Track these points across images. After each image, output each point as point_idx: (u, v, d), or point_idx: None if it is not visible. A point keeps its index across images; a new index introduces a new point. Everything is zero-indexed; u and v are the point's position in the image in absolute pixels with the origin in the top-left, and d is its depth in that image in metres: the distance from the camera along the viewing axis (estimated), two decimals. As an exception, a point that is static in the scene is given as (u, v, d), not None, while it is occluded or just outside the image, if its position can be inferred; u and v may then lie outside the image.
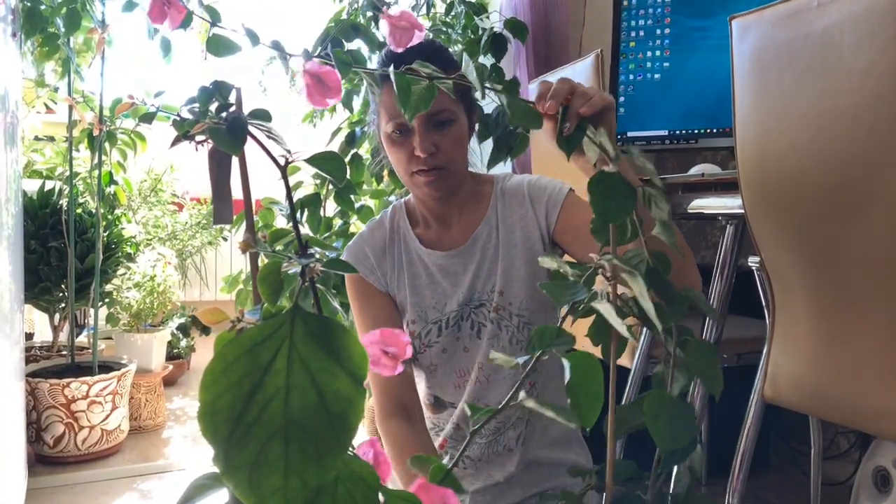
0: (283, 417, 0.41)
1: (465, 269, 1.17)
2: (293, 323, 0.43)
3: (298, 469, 0.40)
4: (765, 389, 1.23)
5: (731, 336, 1.55)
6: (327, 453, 0.41)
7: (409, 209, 1.23)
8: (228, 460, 0.41)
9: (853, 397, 1.07)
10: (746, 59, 1.13)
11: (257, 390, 0.41)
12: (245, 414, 0.41)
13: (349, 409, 0.42)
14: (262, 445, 0.40)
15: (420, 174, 1.11)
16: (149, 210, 3.47)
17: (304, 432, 0.41)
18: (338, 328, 0.43)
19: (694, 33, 1.92)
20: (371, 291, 1.19)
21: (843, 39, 0.97)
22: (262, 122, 0.51)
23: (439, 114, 1.09)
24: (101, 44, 2.17)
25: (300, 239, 0.46)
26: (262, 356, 0.42)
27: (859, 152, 0.96)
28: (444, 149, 1.10)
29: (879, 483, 1.63)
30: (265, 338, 0.42)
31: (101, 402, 2.32)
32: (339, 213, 2.05)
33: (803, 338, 1.16)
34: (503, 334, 1.15)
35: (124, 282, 2.69)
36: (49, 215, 2.49)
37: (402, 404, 1.16)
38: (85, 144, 2.47)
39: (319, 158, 0.49)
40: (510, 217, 1.17)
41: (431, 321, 1.17)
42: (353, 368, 0.42)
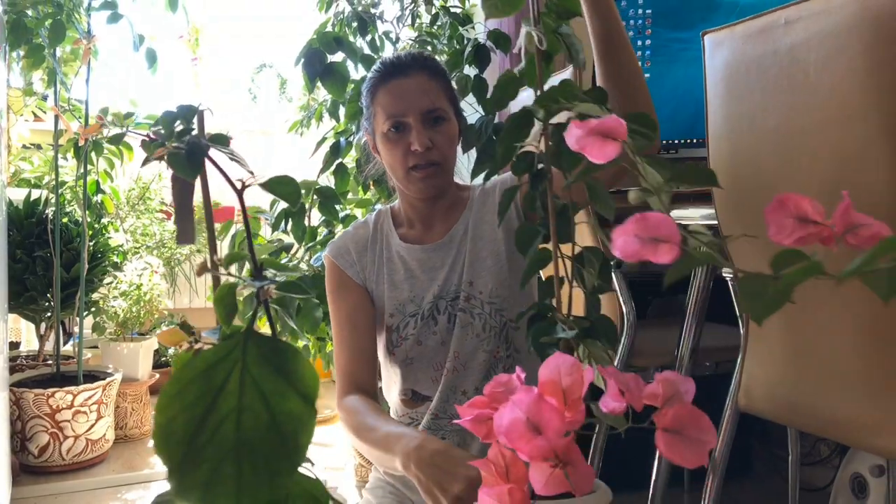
0: (235, 438, 0.42)
1: (443, 264, 1.22)
2: (246, 345, 0.44)
3: (250, 489, 0.41)
4: (739, 398, 1.25)
5: (710, 345, 1.57)
6: (279, 473, 0.42)
7: (395, 212, 1.30)
8: (182, 481, 0.42)
9: (825, 407, 1.09)
10: (718, 74, 1.15)
11: (210, 412, 0.42)
12: (198, 435, 0.42)
13: (300, 429, 0.43)
14: (215, 466, 0.42)
15: (416, 170, 1.17)
16: (136, 218, 3.47)
17: (256, 452, 0.42)
18: (290, 350, 0.45)
19: (674, 45, 1.94)
20: (348, 284, 1.25)
21: (809, 56, 0.99)
22: (221, 146, 0.52)
23: (435, 111, 1.16)
24: (86, 54, 2.18)
25: (255, 261, 0.47)
26: (215, 378, 0.43)
27: (827, 167, 0.98)
28: (438, 145, 1.16)
29: (856, 490, 1.65)
30: (219, 360, 0.44)
31: (85, 411, 2.32)
32: (323, 223, 2.05)
33: (776, 348, 1.17)
34: (476, 322, 1.19)
35: (111, 291, 2.69)
36: (35, 224, 2.49)
37: (361, 387, 1.21)
38: (71, 153, 2.47)
39: (275, 182, 0.50)
40: (482, 214, 1.23)
41: (409, 314, 1.22)
42: (304, 389, 0.44)
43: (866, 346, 1.01)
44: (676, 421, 0.54)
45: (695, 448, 0.53)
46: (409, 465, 0.94)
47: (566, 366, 0.56)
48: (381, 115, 1.18)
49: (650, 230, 0.52)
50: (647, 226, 0.54)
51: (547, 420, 0.54)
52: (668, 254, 0.53)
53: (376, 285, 1.25)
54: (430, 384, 1.22)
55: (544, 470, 0.52)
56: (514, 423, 0.54)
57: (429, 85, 1.18)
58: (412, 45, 2.30)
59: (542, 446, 0.52)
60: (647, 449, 1.51)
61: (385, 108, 1.17)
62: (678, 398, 0.56)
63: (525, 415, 0.53)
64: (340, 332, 1.25)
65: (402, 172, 1.19)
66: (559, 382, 0.56)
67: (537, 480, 0.52)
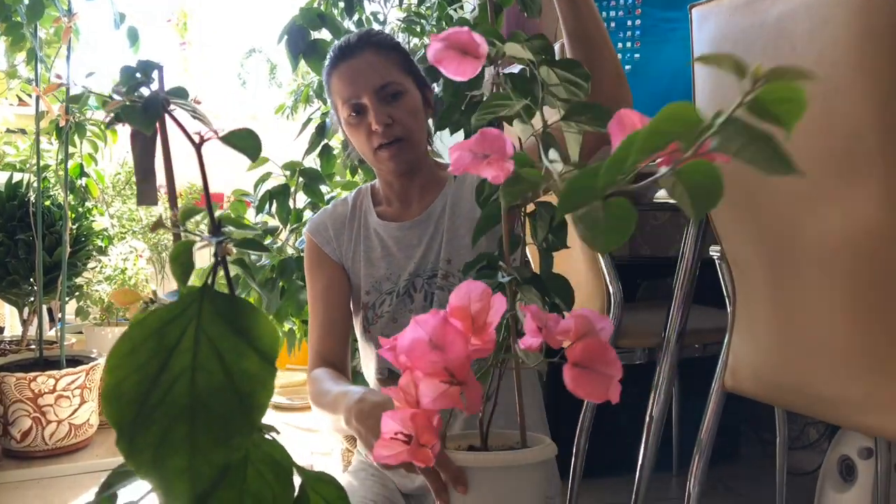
0: (188, 398, 0.40)
1: (420, 241, 1.21)
2: (202, 303, 0.42)
3: (204, 449, 0.39)
4: (725, 379, 1.24)
5: (697, 326, 1.56)
6: (235, 433, 0.40)
7: (374, 191, 1.30)
8: (132, 443, 0.40)
9: (810, 386, 1.08)
10: (705, 48, 1.13)
11: (163, 371, 0.41)
12: (150, 395, 0.40)
13: (258, 389, 0.41)
14: (167, 427, 0.40)
15: (382, 150, 1.15)
16: (123, 203, 3.43)
17: (211, 412, 0.40)
18: (247, 307, 0.43)
19: (663, 25, 1.92)
20: (324, 261, 1.26)
21: (795, 28, 0.97)
22: (180, 100, 0.50)
23: (387, 86, 1.14)
24: (67, 33, 2.14)
25: (212, 216, 0.45)
26: (169, 337, 0.41)
27: (814, 138, 0.96)
28: (399, 119, 1.15)
29: (844, 472, 1.64)
30: (173, 318, 0.42)
31: (68, 396, 2.30)
32: (309, 205, 2.03)
33: (762, 327, 1.16)
34: None
35: (95, 275, 2.66)
36: (17, 207, 2.46)
37: (331, 363, 1.21)
38: (54, 136, 2.44)
39: (234, 136, 0.48)
40: (461, 192, 1.22)
41: (385, 292, 1.22)
42: (262, 348, 0.42)
43: (852, 325, 1.00)
44: (586, 355, 0.54)
45: (601, 382, 0.53)
46: (350, 419, 0.92)
47: (476, 292, 0.57)
48: (339, 103, 1.18)
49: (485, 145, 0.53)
50: (483, 141, 0.54)
51: (450, 341, 0.54)
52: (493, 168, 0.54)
53: (352, 263, 1.25)
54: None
55: (436, 386, 0.52)
56: (415, 343, 0.54)
57: (377, 61, 1.16)
58: (400, 25, 2.27)
59: (435, 361, 0.52)
60: (633, 433, 1.50)
61: (340, 94, 1.17)
62: (592, 335, 0.56)
63: (428, 335, 0.53)
64: (315, 309, 1.26)
65: (370, 155, 1.18)
66: (468, 308, 0.56)
67: (426, 395, 0.53)
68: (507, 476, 0.67)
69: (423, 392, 0.53)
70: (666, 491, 2.11)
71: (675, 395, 2.03)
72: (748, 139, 0.38)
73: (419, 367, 0.53)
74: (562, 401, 1.91)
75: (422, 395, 0.53)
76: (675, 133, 0.38)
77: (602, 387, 0.55)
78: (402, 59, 1.20)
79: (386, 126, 1.14)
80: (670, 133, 0.38)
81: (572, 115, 0.68)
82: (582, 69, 0.72)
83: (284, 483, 0.43)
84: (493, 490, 0.67)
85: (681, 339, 1.45)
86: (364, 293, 1.23)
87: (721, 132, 0.38)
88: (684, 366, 1.50)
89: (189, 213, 0.45)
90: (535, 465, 0.68)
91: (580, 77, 0.73)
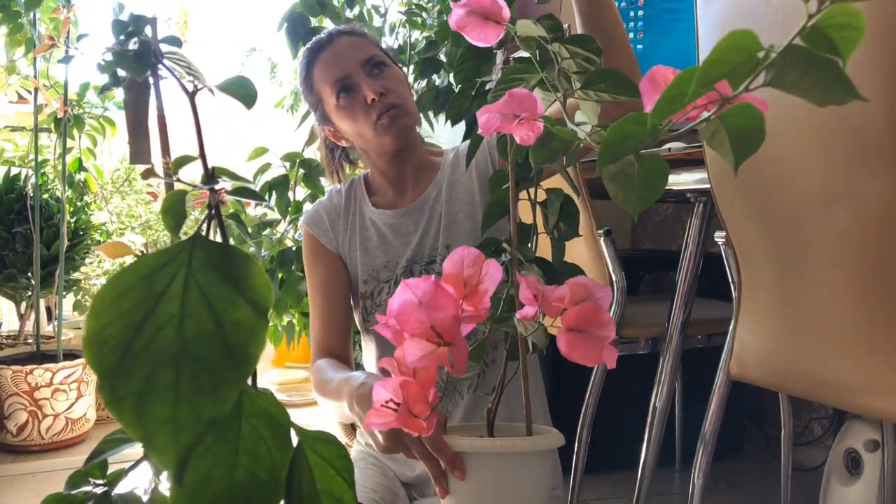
0: (175, 345, 0.38)
1: (415, 228, 1.21)
2: (193, 250, 0.40)
3: (190, 399, 0.37)
4: (730, 366, 1.22)
5: (701, 317, 1.54)
6: (223, 384, 0.38)
7: (368, 180, 1.29)
8: (114, 390, 0.38)
9: (816, 370, 1.06)
10: (711, 27, 1.11)
11: (149, 318, 0.39)
12: (135, 342, 0.38)
13: (249, 340, 0.39)
14: (151, 373, 0.38)
15: (383, 117, 1.15)
16: (122, 199, 3.42)
17: (198, 361, 0.38)
18: (241, 256, 0.41)
19: (666, 15, 1.90)
20: (322, 251, 1.25)
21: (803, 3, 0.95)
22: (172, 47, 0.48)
23: (372, 58, 1.17)
24: (65, 24, 2.13)
25: (206, 165, 0.43)
26: (157, 283, 0.39)
27: (823, 117, 0.95)
28: (390, 88, 1.16)
29: (850, 465, 1.62)
30: (162, 265, 0.40)
31: (65, 389, 2.28)
32: (308, 197, 2.01)
33: (768, 313, 1.14)
34: None
35: (93, 269, 2.64)
36: (14, 200, 2.44)
37: (333, 354, 1.20)
38: (52, 129, 2.42)
39: (230, 84, 0.46)
40: (456, 176, 1.22)
41: (383, 280, 1.21)
42: (255, 298, 0.40)
43: (859, 309, 0.98)
44: (580, 319, 0.53)
45: (595, 344, 0.52)
46: (352, 405, 0.91)
47: (469, 257, 0.55)
48: (325, 91, 1.18)
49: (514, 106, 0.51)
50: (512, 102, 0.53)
51: (441, 304, 0.52)
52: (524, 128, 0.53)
53: (349, 252, 1.24)
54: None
55: (423, 345, 0.51)
56: (405, 305, 0.53)
57: (355, 41, 1.19)
58: (400, 18, 2.25)
59: (423, 321, 0.51)
60: (636, 426, 1.48)
61: (326, 80, 1.17)
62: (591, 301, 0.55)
63: (418, 298, 0.52)
64: (315, 301, 1.25)
65: (370, 130, 1.17)
66: (461, 274, 0.55)
67: (412, 354, 0.51)
68: (505, 464, 0.65)
69: (408, 350, 0.52)
70: (669, 486, 2.08)
71: (678, 388, 2.01)
72: (807, 68, 0.36)
73: (407, 329, 0.52)
74: (563, 394, 1.89)
75: (407, 354, 0.52)
76: (736, 62, 0.36)
77: (596, 349, 0.54)
78: (375, 41, 1.24)
79: (381, 95, 1.14)
80: (731, 62, 0.36)
81: (591, 83, 0.66)
82: (594, 44, 0.71)
83: (281, 439, 0.42)
84: (491, 478, 0.66)
85: (684, 330, 1.43)
86: (362, 282, 1.22)
87: (778, 62, 0.36)
88: (686, 357, 1.48)
89: (182, 162, 0.43)
90: (535, 454, 0.66)
91: (593, 52, 0.71)
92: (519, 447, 0.65)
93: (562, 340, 0.53)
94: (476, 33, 0.61)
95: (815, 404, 2.20)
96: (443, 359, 0.52)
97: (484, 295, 0.57)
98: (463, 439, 0.66)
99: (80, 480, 0.54)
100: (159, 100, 0.47)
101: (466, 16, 0.60)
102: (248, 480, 0.43)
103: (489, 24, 0.61)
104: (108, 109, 2.55)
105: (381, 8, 2.31)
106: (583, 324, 0.54)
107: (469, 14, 0.60)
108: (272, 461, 0.43)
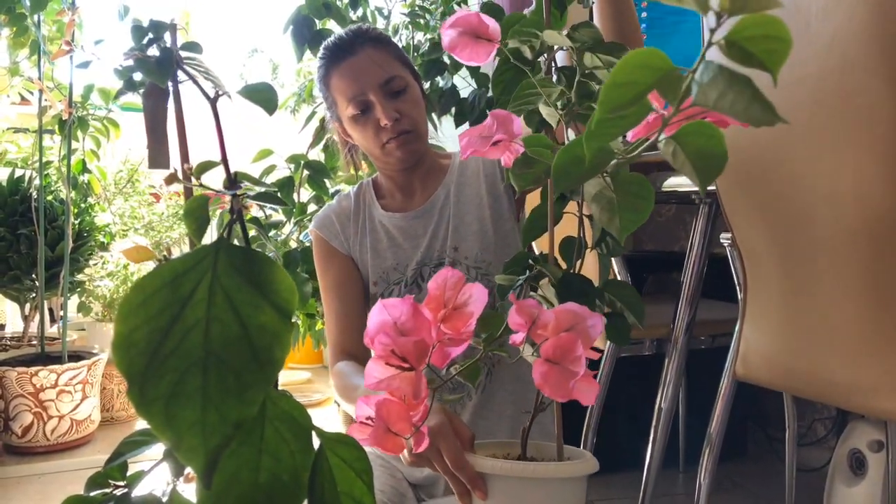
0: (202, 349, 0.39)
1: (425, 231, 1.22)
2: (217, 255, 0.41)
3: (217, 402, 0.38)
4: (736, 367, 1.22)
5: (705, 318, 1.55)
6: (249, 387, 0.39)
7: (377, 184, 1.30)
8: (144, 394, 0.38)
9: (823, 371, 1.06)
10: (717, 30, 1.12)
11: (176, 322, 0.39)
12: (162, 346, 0.39)
13: (274, 343, 0.40)
14: (179, 377, 0.38)
15: (391, 142, 1.16)
16: (125, 201, 3.42)
17: (225, 364, 0.39)
18: (264, 260, 0.41)
19: (670, 17, 1.91)
20: (334, 254, 1.26)
21: (811, 7, 0.96)
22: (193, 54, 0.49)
23: (392, 81, 1.15)
24: (70, 26, 2.13)
25: (228, 170, 0.44)
26: (183, 288, 0.40)
27: (827, 118, 0.95)
28: (406, 113, 1.16)
29: (854, 466, 1.63)
30: (187, 269, 0.40)
31: (70, 391, 2.28)
32: (313, 199, 2.02)
33: (774, 313, 1.15)
34: None
35: (97, 271, 2.65)
36: (19, 202, 2.45)
37: (352, 355, 1.20)
38: (56, 131, 2.43)
39: (251, 89, 0.46)
40: (464, 179, 1.23)
41: (393, 282, 1.22)
42: (279, 301, 0.40)
43: (865, 309, 0.98)
44: (557, 351, 0.51)
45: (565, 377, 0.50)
46: None
47: (452, 280, 0.55)
48: (341, 101, 1.18)
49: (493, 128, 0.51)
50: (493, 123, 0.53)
51: (411, 328, 0.52)
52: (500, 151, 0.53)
53: (360, 255, 1.25)
54: None
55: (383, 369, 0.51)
56: (380, 326, 0.53)
57: (378, 56, 1.17)
58: (404, 19, 2.26)
59: (386, 344, 0.51)
60: (641, 428, 1.49)
61: (343, 92, 1.16)
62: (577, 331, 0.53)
63: (394, 320, 0.52)
64: (329, 303, 1.25)
65: (378, 150, 1.18)
66: (442, 296, 0.55)
67: (371, 376, 0.51)
68: (528, 489, 0.63)
69: (368, 372, 0.52)
70: (673, 487, 2.09)
71: (682, 389, 2.02)
72: (726, 85, 0.34)
73: (375, 349, 0.52)
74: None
75: (366, 375, 0.52)
76: (645, 83, 0.35)
77: (564, 383, 0.50)
78: (397, 51, 1.22)
79: (395, 121, 1.14)
80: (639, 83, 0.35)
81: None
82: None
83: (303, 442, 0.42)
84: (513, 501, 0.64)
85: (690, 331, 1.43)
86: (372, 284, 1.23)
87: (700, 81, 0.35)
88: (690, 358, 1.48)
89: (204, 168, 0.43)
90: (562, 480, 0.63)
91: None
92: (542, 472, 0.62)
93: (536, 372, 0.51)
94: (468, 53, 0.61)
95: (819, 405, 2.21)
96: (406, 383, 0.51)
97: (469, 318, 0.56)
98: (486, 459, 0.65)
99: (100, 482, 0.54)
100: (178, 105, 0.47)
101: (458, 36, 0.60)
102: (271, 483, 0.43)
103: (480, 43, 0.61)
104: (112, 111, 2.55)
105: (384, 10, 2.31)
106: (558, 355, 0.51)
107: (460, 35, 0.60)
108: (294, 463, 0.44)
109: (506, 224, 1.20)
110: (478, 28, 0.62)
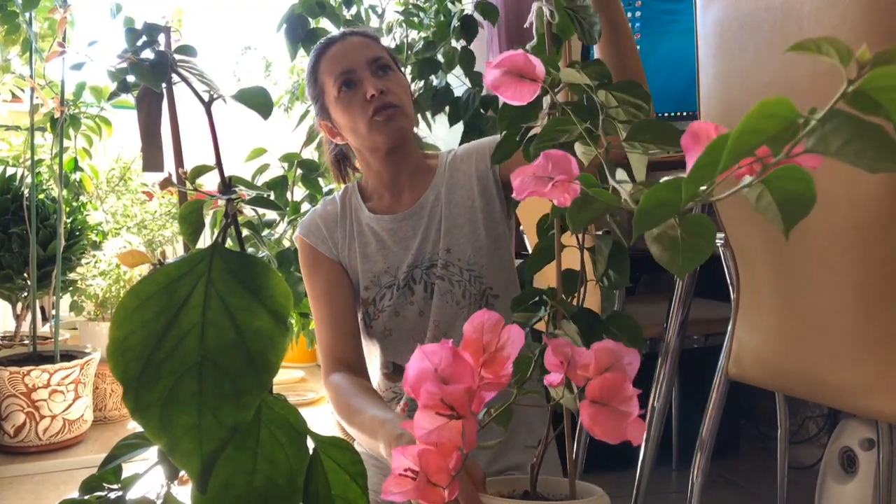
0: (197, 354, 0.39)
1: (415, 233, 1.21)
2: (212, 260, 0.41)
3: (213, 407, 0.38)
4: (729, 367, 1.23)
5: (699, 317, 1.55)
6: (245, 392, 0.39)
7: (362, 186, 1.29)
8: (139, 399, 0.39)
9: (815, 371, 1.07)
10: (710, 31, 1.12)
11: (171, 327, 0.39)
12: (158, 351, 0.39)
13: (269, 348, 0.40)
14: (175, 382, 0.38)
15: (379, 115, 1.15)
16: (117, 199, 3.40)
17: (220, 369, 0.39)
18: (259, 265, 0.41)
19: (664, 16, 1.91)
20: (321, 260, 1.24)
21: (803, 9, 0.96)
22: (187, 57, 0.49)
23: (379, 59, 1.18)
24: (62, 24, 2.12)
25: (223, 175, 0.44)
26: (178, 293, 0.40)
27: (819, 121, 0.95)
28: (392, 89, 1.17)
29: (846, 464, 1.64)
30: (182, 274, 0.40)
31: (62, 391, 2.27)
32: (307, 197, 2.02)
33: (766, 314, 1.15)
34: (455, 289, 1.17)
35: (89, 270, 2.64)
36: (10, 201, 2.43)
37: (345, 363, 1.19)
38: (48, 129, 2.41)
39: (247, 94, 0.46)
40: (455, 180, 1.22)
41: (385, 286, 1.20)
42: (274, 306, 0.40)
43: (857, 309, 0.99)
44: (603, 391, 0.50)
45: (619, 419, 0.50)
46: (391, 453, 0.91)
47: (490, 322, 0.54)
48: (328, 83, 1.19)
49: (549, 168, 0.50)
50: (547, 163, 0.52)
51: (456, 375, 0.51)
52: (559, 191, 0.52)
53: (349, 259, 1.23)
54: (410, 356, 1.19)
55: (433, 419, 0.50)
56: (421, 374, 0.52)
57: (366, 41, 1.22)
58: (398, 18, 2.26)
59: (433, 393, 0.50)
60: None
61: (331, 72, 1.18)
62: (616, 370, 0.52)
63: (434, 367, 0.51)
64: (319, 310, 1.23)
65: (365, 126, 1.16)
66: (481, 339, 0.54)
67: (421, 427, 0.50)
68: None
69: (417, 423, 0.51)
70: (666, 485, 2.10)
71: (675, 388, 2.02)
72: (853, 133, 0.34)
73: (419, 399, 0.51)
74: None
75: (416, 427, 0.51)
76: (770, 132, 0.35)
77: (618, 425, 0.50)
78: (387, 48, 1.25)
79: (381, 93, 1.15)
80: (765, 132, 0.34)
81: (636, 134, 0.65)
82: (641, 89, 0.68)
83: (298, 445, 0.42)
84: None
85: (683, 330, 1.44)
86: (363, 289, 1.21)
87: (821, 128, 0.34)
88: (683, 357, 1.49)
89: (199, 172, 0.43)
90: None
91: (640, 98, 0.69)
92: None
93: (584, 414, 0.50)
94: (511, 92, 0.60)
95: (811, 403, 2.22)
96: (454, 432, 0.50)
97: (505, 361, 0.55)
98: (498, 500, 0.64)
99: (95, 485, 0.54)
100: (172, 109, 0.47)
101: (502, 76, 0.60)
102: (266, 487, 0.43)
103: (524, 83, 0.61)
104: (104, 109, 2.54)
105: (378, 8, 2.31)
106: (606, 396, 0.51)
107: (504, 74, 0.60)
108: (290, 467, 0.44)
109: (498, 226, 1.20)
110: (523, 68, 0.62)
